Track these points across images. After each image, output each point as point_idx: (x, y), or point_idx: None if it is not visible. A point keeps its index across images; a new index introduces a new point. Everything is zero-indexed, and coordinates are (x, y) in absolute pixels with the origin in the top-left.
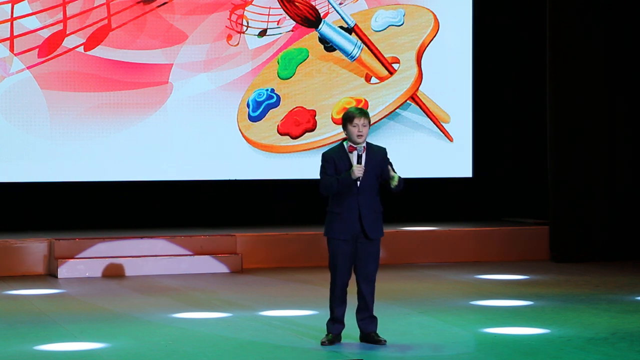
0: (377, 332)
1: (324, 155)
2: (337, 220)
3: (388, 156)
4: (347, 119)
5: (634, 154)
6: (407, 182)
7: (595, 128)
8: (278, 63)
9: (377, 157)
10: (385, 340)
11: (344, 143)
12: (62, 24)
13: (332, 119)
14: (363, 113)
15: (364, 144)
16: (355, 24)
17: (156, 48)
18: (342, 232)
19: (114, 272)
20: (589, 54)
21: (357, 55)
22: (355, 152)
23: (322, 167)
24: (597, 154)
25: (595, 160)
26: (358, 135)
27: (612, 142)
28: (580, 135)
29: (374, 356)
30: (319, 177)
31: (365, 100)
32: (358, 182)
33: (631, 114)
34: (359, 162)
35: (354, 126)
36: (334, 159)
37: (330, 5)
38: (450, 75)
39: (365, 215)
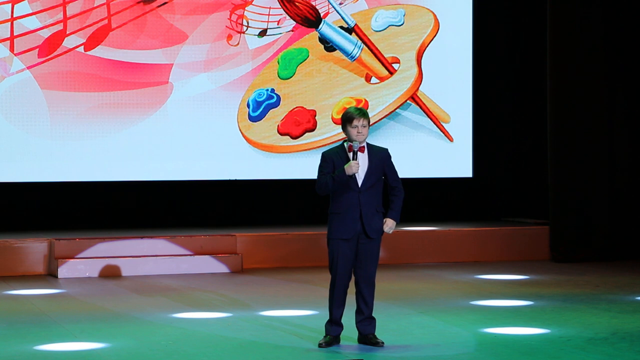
0: (376, 333)
1: (323, 154)
2: (337, 220)
3: (390, 155)
4: (346, 120)
5: (634, 154)
6: (407, 182)
7: (595, 128)
8: (278, 63)
9: (379, 156)
10: (383, 342)
11: (344, 143)
12: (62, 24)
13: (332, 119)
14: (362, 113)
15: (364, 144)
16: (356, 24)
17: (156, 48)
18: (342, 232)
19: (114, 272)
20: (589, 54)
21: (357, 55)
22: (353, 146)
23: (319, 166)
24: (597, 154)
25: (595, 160)
26: (357, 136)
27: (612, 142)
28: (580, 136)
29: (374, 356)
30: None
31: (365, 100)
32: (359, 182)
33: (631, 114)
34: (354, 158)
35: (353, 127)
36: (333, 159)
37: (330, 5)
38: (450, 75)
39: (367, 214)
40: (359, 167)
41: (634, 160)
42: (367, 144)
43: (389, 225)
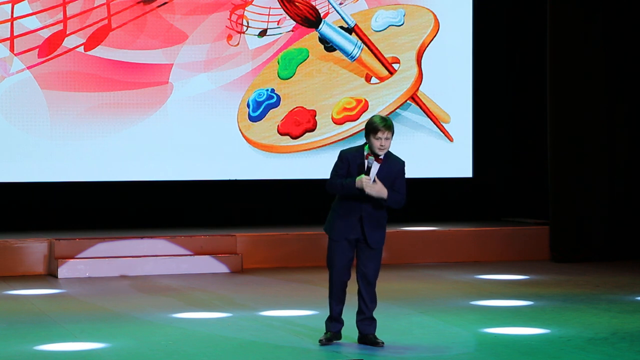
0: (376, 333)
1: (340, 153)
2: (338, 220)
3: (405, 170)
4: (371, 130)
5: (634, 155)
6: (407, 183)
7: (595, 128)
8: (278, 63)
9: (392, 168)
10: (383, 343)
11: (365, 147)
12: (62, 24)
13: (332, 119)
14: (388, 126)
15: (381, 156)
16: (356, 24)
17: (156, 48)
18: (341, 234)
19: (114, 272)
20: (589, 53)
21: (357, 55)
22: (367, 161)
23: (335, 164)
24: (597, 154)
25: (595, 160)
26: (379, 148)
27: (612, 142)
28: (580, 135)
29: (374, 356)
30: (327, 175)
31: (365, 100)
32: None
33: (631, 114)
34: (367, 173)
35: (377, 139)
36: (349, 160)
37: (330, 5)
38: (450, 75)
39: (367, 222)
40: (370, 180)
41: (633, 160)
42: (387, 151)
43: (376, 188)
